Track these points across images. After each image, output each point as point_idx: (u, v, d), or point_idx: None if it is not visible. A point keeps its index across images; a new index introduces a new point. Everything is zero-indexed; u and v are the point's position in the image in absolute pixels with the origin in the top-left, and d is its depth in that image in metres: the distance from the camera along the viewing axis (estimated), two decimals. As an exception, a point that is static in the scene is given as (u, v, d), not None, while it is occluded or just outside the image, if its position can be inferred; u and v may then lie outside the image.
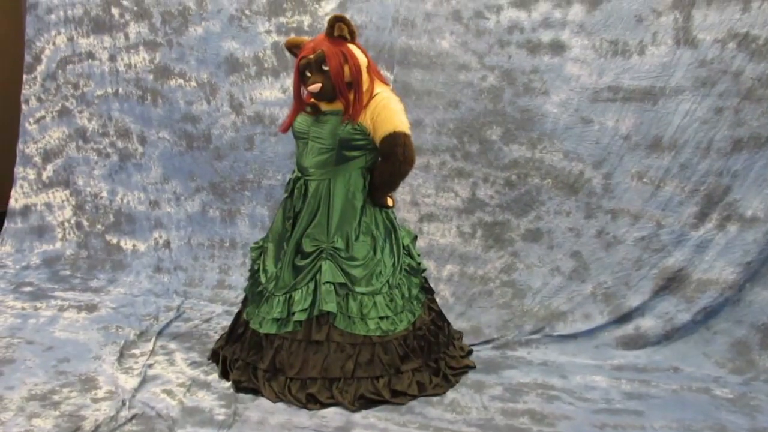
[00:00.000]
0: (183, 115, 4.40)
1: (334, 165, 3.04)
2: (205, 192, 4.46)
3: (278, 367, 3.01)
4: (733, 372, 3.37)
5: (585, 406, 3.01)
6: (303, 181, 3.10)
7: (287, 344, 3.02)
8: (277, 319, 3.05)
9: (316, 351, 2.99)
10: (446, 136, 3.94)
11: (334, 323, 3.00)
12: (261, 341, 3.07)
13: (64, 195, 4.82)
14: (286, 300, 3.06)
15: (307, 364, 2.98)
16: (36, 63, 4.77)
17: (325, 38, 2.92)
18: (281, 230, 3.19)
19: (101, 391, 3.00)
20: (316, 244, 3.07)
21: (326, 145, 3.01)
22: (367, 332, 3.01)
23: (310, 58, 2.90)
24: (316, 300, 3.02)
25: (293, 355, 3.00)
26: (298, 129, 3.11)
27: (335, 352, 2.99)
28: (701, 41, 3.47)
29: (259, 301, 3.15)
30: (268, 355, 3.04)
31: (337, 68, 2.87)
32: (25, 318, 3.81)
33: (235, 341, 3.22)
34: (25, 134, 4.87)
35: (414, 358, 3.08)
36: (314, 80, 2.90)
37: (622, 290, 3.70)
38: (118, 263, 4.58)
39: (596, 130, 3.70)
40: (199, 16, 4.25)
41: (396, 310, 3.09)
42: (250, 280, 3.29)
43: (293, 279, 3.08)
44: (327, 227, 3.07)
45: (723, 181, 3.53)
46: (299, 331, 3.02)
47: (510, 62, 3.79)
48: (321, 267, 3.05)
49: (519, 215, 3.89)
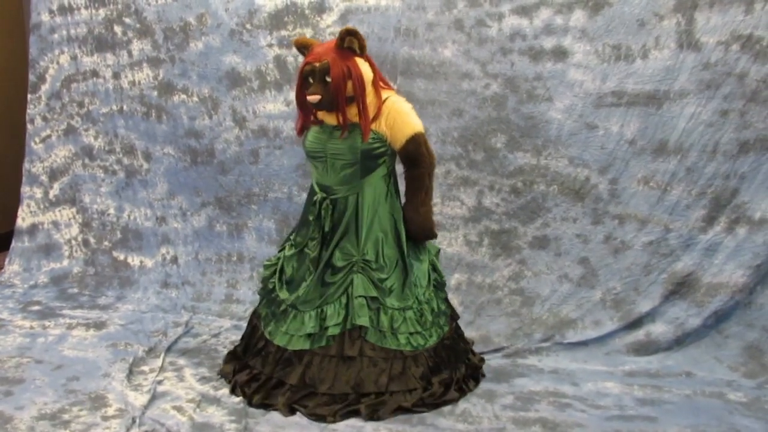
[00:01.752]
0: (187, 130, 4.41)
1: (360, 179, 3.04)
2: (211, 207, 4.46)
3: (308, 382, 2.98)
4: (746, 376, 3.35)
5: (597, 413, 2.99)
6: (329, 201, 3.07)
7: (318, 360, 3.00)
8: (310, 335, 3.02)
9: (348, 366, 2.98)
10: (451, 144, 3.93)
11: (365, 337, 2.99)
12: (289, 357, 3.04)
13: (71, 213, 4.83)
14: (317, 315, 3.04)
15: (340, 379, 2.97)
16: (40, 82, 4.79)
17: (333, 48, 2.90)
18: (303, 250, 3.15)
19: (111, 409, 2.99)
20: (347, 258, 3.06)
21: (348, 160, 3.00)
22: (398, 347, 3.01)
23: (315, 66, 2.88)
24: (348, 314, 3.01)
25: (324, 370, 2.98)
26: (313, 149, 3.07)
27: (368, 367, 2.98)
28: (704, 44, 3.46)
29: (282, 319, 3.11)
30: (296, 371, 3.01)
31: (338, 82, 2.85)
32: (33, 337, 3.80)
33: (255, 356, 3.19)
34: (31, 153, 4.88)
35: (443, 369, 3.11)
36: (314, 90, 2.88)
37: (632, 296, 3.68)
38: (126, 280, 4.58)
39: (601, 136, 3.68)
40: (200, 31, 4.26)
41: (426, 325, 3.10)
42: (266, 299, 3.26)
43: (322, 294, 3.06)
44: (357, 240, 3.06)
45: (730, 184, 3.52)
46: (332, 345, 3.00)
47: (513, 69, 3.78)
48: (353, 281, 3.04)
49: (526, 222, 3.87)
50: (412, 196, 3.09)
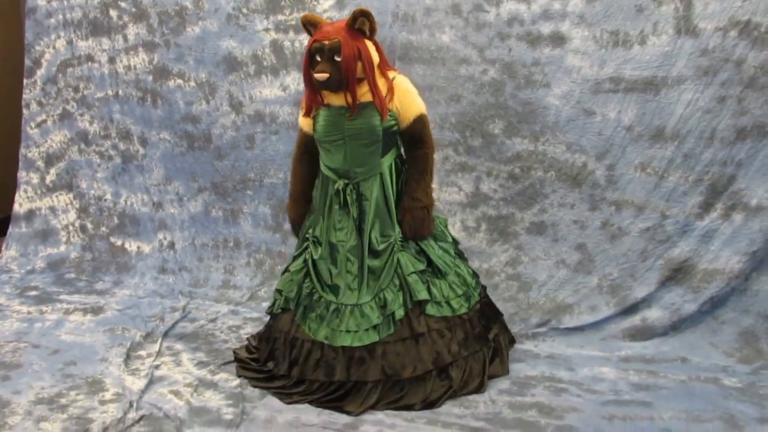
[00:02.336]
0: (183, 115, 4.40)
1: (381, 157, 3.03)
2: (208, 192, 4.45)
3: (390, 373, 2.93)
4: (741, 361, 3.36)
5: (593, 398, 3.00)
6: (352, 186, 3.04)
7: (392, 347, 2.96)
8: (375, 326, 2.98)
9: (422, 343, 2.99)
10: (449, 130, 3.93)
11: (425, 312, 3.02)
12: (361, 356, 2.95)
13: (68, 198, 4.82)
14: (377, 303, 3.01)
15: (422, 359, 2.96)
16: (36, 67, 4.77)
17: (344, 28, 2.85)
18: (332, 243, 3.09)
19: (108, 393, 3.00)
20: (386, 239, 3.06)
21: (369, 140, 2.98)
22: (454, 313, 3.08)
23: (325, 44, 2.82)
24: (404, 293, 3.02)
25: (402, 355, 2.95)
26: (328, 132, 3.02)
27: (438, 339, 3.01)
28: (702, 30, 3.45)
29: (336, 319, 3.01)
30: (375, 366, 2.94)
31: (350, 62, 2.81)
32: (30, 322, 3.81)
33: (314, 369, 3.01)
34: (27, 138, 4.87)
35: (493, 325, 3.25)
36: (323, 68, 2.82)
37: (628, 282, 3.69)
38: (123, 265, 4.58)
39: (599, 122, 3.68)
40: (196, 15, 4.24)
41: (467, 288, 3.19)
42: (303, 306, 3.10)
43: (375, 282, 3.03)
44: (391, 220, 3.07)
45: (727, 171, 3.52)
46: (400, 329, 2.98)
47: (510, 55, 3.77)
48: (399, 260, 3.04)
49: (523, 208, 3.88)
50: (420, 177, 3.07)
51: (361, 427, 2.76)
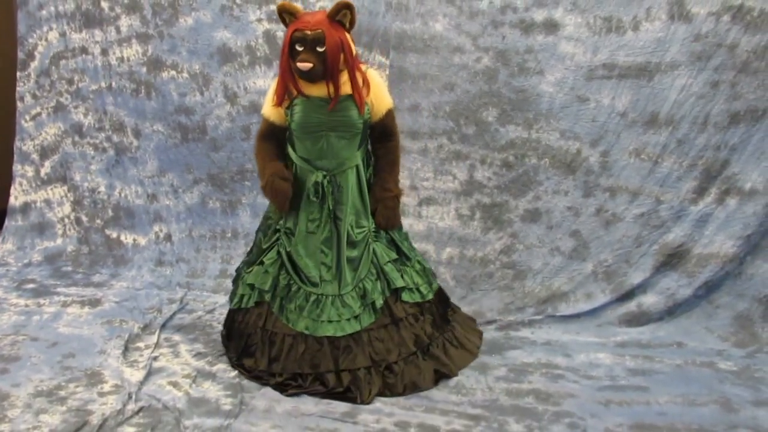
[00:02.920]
0: (176, 107, 4.39)
1: (357, 149, 3.06)
2: (204, 183, 4.45)
3: (377, 359, 2.99)
4: (737, 345, 3.39)
5: (589, 383, 3.02)
6: (329, 178, 3.05)
7: (375, 334, 3.04)
8: (357, 315, 3.04)
9: (403, 328, 3.08)
10: (443, 119, 3.93)
11: (401, 298, 3.12)
12: (348, 344, 3.00)
13: (63, 191, 4.82)
14: (358, 294, 3.07)
15: (405, 344, 3.06)
16: (29, 60, 4.75)
17: (325, 19, 2.83)
18: (309, 234, 3.10)
19: (107, 385, 3.01)
20: (362, 230, 3.11)
21: (350, 131, 3.01)
22: (423, 298, 3.19)
23: (307, 33, 2.79)
24: (383, 282, 3.10)
25: (385, 341, 3.03)
26: (309, 123, 2.98)
27: (415, 323, 3.13)
28: (695, 15, 3.46)
29: (316, 310, 3.04)
30: (362, 353, 2.99)
31: (334, 53, 2.81)
32: (28, 315, 3.81)
33: (298, 361, 3.02)
34: (22, 131, 4.86)
35: (448, 308, 3.39)
36: (306, 58, 2.79)
37: (623, 268, 3.70)
38: (120, 258, 4.58)
39: (592, 108, 3.69)
40: (190, 6, 4.23)
41: (427, 274, 3.29)
42: (282, 294, 3.11)
43: (353, 272, 3.09)
44: (365, 211, 3.13)
45: (721, 155, 3.53)
46: (380, 317, 3.06)
47: (504, 43, 3.77)
48: (374, 250, 3.12)
49: (517, 196, 3.89)
50: (390, 168, 3.16)
51: (359, 415, 2.78)
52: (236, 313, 3.24)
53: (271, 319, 3.10)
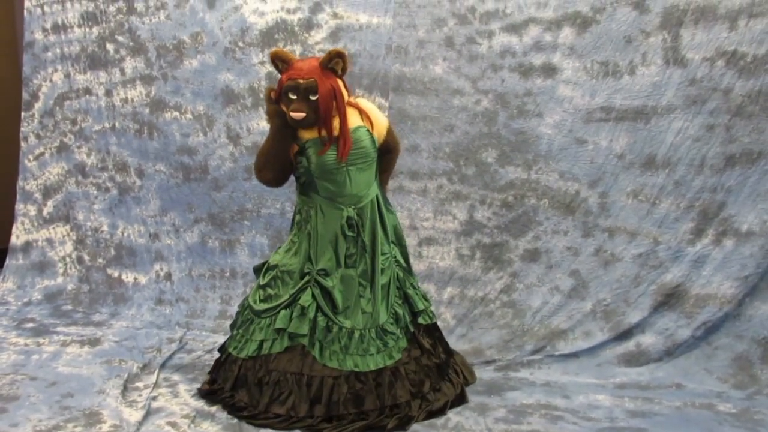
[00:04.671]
0: (179, 147, 4.44)
1: (375, 179, 3.17)
2: (204, 223, 4.48)
3: (414, 391, 3.09)
4: (736, 387, 3.39)
5: (589, 425, 3.01)
6: (358, 211, 3.10)
7: (411, 367, 3.12)
8: (398, 339, 3.14)
9: (425, 356, 3.20)
10: (442, 160, 3.97)
11: (420, 321, 3.25)
12: (387, 381, 3.02)
13: (65, 230, 4.84)
14: (393, 318, 3.14)
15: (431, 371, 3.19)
16: (33, 100, 4.81)
17: (317, 67, 2.89)
18: (348, 269, 3.10)
19: (106, 426, 3.00)
20: (386, 258, 3.16)
21: (367, 161, 3.08)
22: (431, 320, 3.34)
23: (300, 83, 2.86)
24: (405, 306, 3.23)
25: (418, 372, 3.12)
26: (326, 162, 2.99)
27: (434, 350, 3.26)
28: (690, 60, 3.52)
29: (364, 344, 3.04)
30: (404, 386, 3.05)
31: (327, 103, 2.87)
32: (28, 354, 3.81)
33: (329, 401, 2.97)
34: (25, 171, 4.90)
35: None
36: (298, 107, 2.86)
37: (622, 307, 3.71)
38: (120, 296, 4.59)
39: (590, 150, 3.73)
40: (195, 49, 4.30)
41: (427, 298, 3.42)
42: (321, 337, 3.04)
43: (386, 299, 3.15)
44: (386, 238, 3.19)
45: (717, 197, 3.57)
46: (412, 348, 3.17)
47: (503, 86, 3.83)
48: (398, 274, 3.23)
49: (517, 236, 3.91)
50: (387, 176, 3.36)
51: (359, 456, 2.77)
52: (252, 360, 3.09)
53: (307, 363, 3.00)
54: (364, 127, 3.05)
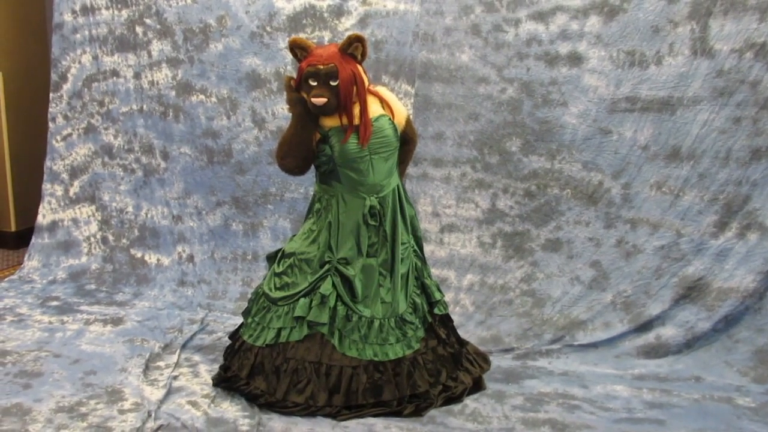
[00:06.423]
0: (204, 130, 4.46)
1: (396, 168, 3.18)
2: (227, 206, 4.51)
3: (432, 381, 3.10)
4: (756, 381, 3.36)
5: (606, 415, 3.01)
6: (380, 200, 3.09)
7: (428, 357, 3.13)
8: (417, 328, 3.14)
9: (441, 345, 3.21)
10: (467, 148, 3.97)
11: (434, 312, 3.25)
12: (406, 370, 3.04)
13: (90, 210, 4.89)
14: (412, 308, 3.15)
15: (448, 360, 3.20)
16: (62, 81, 4.86)
17: (337, 53, 2.90)
18: (369, 258, 3.09)
19: (127, 403, 3.05)
20: (405, 246, 3.16)
21: (389, 150, 3.08)
22: (445, 310, 3.34)
23: (320, 68, 2.86)
24: (423, 295, 3.23)
25: (435, 362, 3.14)
26: (349, 150, 2.99)
27: (448, 340, 3.27)
28: (718, 51, 3.49)
29: (382, 333, 3.05)
30: (421, 376, 3.06)
31: (347, 87, 2.87)
32: (52, 332, 3.86)
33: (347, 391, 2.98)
34: (53, 151, 4.95)
35: None
36: (320, 93, 2.86)
37: (642, 299, 3.70)
38: (143, 277, 4.64)
39: (615, 141, 3.71)
40: (220, 32, 4.32)
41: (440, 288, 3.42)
42: (340, 326, 3.03)
43: (405, 288, 3.16)
44: (405, 227, 3.19)
45: (742, 191, 3.54)
46: (429, 338, 3.19)
47: (529, 74, 3.82)
48: (416, 265, 3.24)
49: (539, 225, 3.91)
50: (404, 168, 3.35)
51: (376, 439, 2.79)
52: (269, 348, 3.07)
53: (326, 352, 3.00)
54: (386, 116, 3.05)
